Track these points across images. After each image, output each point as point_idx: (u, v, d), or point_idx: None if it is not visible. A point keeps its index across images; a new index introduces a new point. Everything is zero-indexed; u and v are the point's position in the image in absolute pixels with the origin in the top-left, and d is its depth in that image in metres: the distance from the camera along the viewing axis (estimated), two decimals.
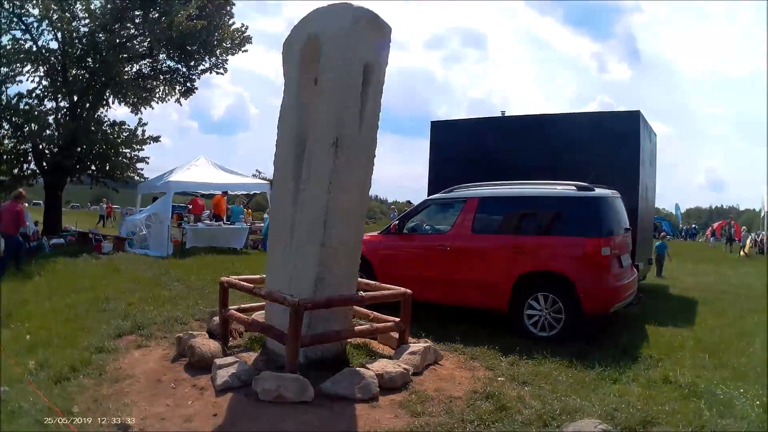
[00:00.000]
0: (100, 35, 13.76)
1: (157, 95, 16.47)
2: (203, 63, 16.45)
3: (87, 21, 14.31)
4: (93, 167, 15.42)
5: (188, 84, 16.75)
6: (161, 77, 16.52)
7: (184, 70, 16.53)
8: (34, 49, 14.54)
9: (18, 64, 14.41)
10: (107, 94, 15.26)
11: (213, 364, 4.41)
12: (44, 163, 15.19)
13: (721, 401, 4.32)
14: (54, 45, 14.88)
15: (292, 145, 4.86)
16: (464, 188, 7.45)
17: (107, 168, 15.25)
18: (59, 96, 14.80)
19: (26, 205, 20.44)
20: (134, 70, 16.03)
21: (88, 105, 15.10)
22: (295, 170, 4.80)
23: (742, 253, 21.70)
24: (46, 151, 15.07)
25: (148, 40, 14.60)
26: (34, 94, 14.56)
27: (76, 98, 14.92)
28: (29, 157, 15.19)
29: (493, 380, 4.75)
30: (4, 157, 14.75)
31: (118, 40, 14.50)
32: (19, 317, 6.88)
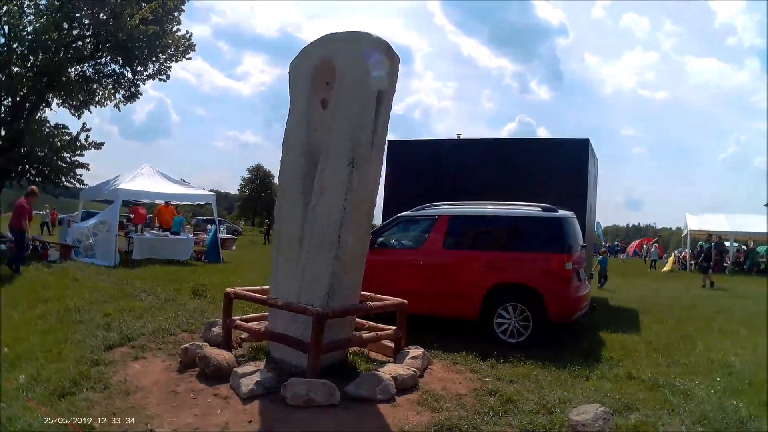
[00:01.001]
0: (52, 33, 13.14)
1: (97, 99, 15.84)
2: (148, 68, 16.05)
3: (36, 18, 13.67)
4: (33, 171, 14.60)
5: (132, 89, 16.25)
6: (103, 81, 15.91)
7: (129, 74, 16.08)
8: None
9: None
10: (49, 95, 14.55)
11: (233, 373, 4.58)
12: None
13: (681, 391, 5.03)
14: None
15: (300, 161, 5.15)
16: (435, 206, 7.93)
17: (46, 172, 14.49)
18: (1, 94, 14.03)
19: None
20: (78, 71, 15.36)
21: (28, 105, 14.34)
22: (304, 185, 5.08)
23: (665, 269, 23.92)
24: None
25: (95, 41, 14.10)
26: None
27: (19, 98, 14.19)
28: None
29: (483, 380, 5.20)
30: None
31: (68, 39, 13.91)
32: None
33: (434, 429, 3.97)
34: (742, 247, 26.62)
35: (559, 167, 9.71)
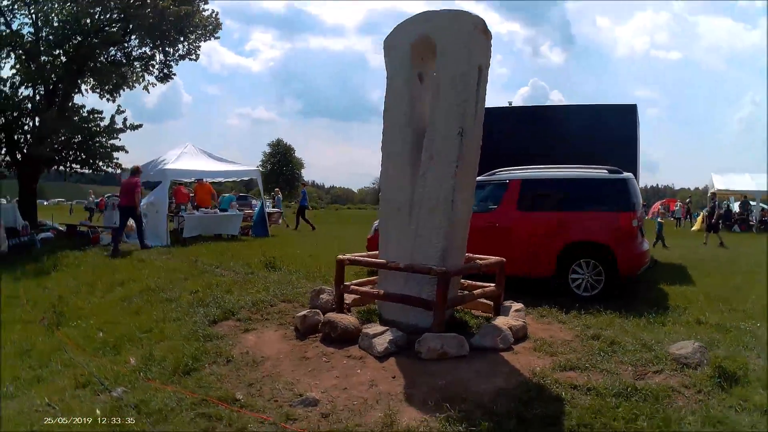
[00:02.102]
0: (85, 18, 13.14)
1: (130, 82, 15.95)
2: (180, 49, 16.13)
3: (61, 3, 13.70)
4: (72, 158, 14.77)
5: (165, 71, 16.36)
6: (135, 63, 15.99)
7: (160, 56, 16.17)
8: (7, 32, 13.80)
9: None
10: (81, 80, 14.69)
11: (363, 334, 4.91)
12: (18, 154, 14.50)
13: (747, 332, 5.51)
14: (27, 29, 14.23)
15: (406, 132, 5.45)
16: (505, 171, 8.26)
17: (84, 158, 14.66)
18: (34, 83, 14.11)
19: (3, 201, 19.28)
20: (109, 55, 15.43)
21: (61, 93, 14.48)
22: (411, 155, 5.39)
23: (695, 227, 24.05)
24: (21, 142, 14.38)
25: (126, 24, 14.13)
26: (9, 82, 13.82)
27: (51, 86, 14.31)
28: (2, 149, 14.42)
29: (577, 328, 5.57)
30: None
31: (100, 24, 13.99)
32: (76, 315, 6.88)
33: (559, 369, 4.36)
34: (763, 207, 26.76)
35: (610, 132, 10.03)
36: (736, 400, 3.76)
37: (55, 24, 13.95)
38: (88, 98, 59.09)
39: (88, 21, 13.30)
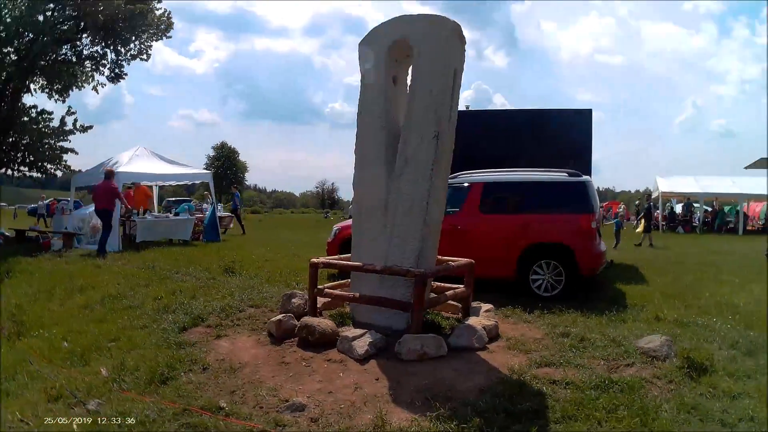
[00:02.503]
0: (38, 15, 12.56)
1: (80, 82, 15.33)
2: (132, 48, 15.63)
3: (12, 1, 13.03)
4: (20, 160, 14.05)
5: (116, 70, 15.81)
6: (86, 63, 15.38)
7: (113, 55, 15.64)
8: None
9: None
10: (30, 80, 13.99)
11: (342, 338, 4.91)
12: None
13: (705, 326, 5.85)
14: None
15: (381, 134, 5.51)
16: (467, 174, 8.42)
17: (33, 160, 13.98)
18: None
19: None
20: (60, 54, 14.76)
21: (9, 92, 13.76)
22: (386, 157, 5.45)
23: (639, 229, 25.09)
24: None
25: (78, 22, 13.58)
26: None
27: (1, 85, 13.64)
28: None
29: (545, 327, 5.75)
30: None
31: (53, 21, 13.36)
32: (37, 324, 6.59)
33: (536, 366, 4.51)
34: (706, 209, 28.16)
35: (567, 136, 10.41)
36: (706, 388, 4.01)
37: (8, 20, 13.35)
38: (36, 98, 56.18)
39: (41, 18, 12.73)
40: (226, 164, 66.67)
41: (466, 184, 8.16)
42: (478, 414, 3.55)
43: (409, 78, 5.65)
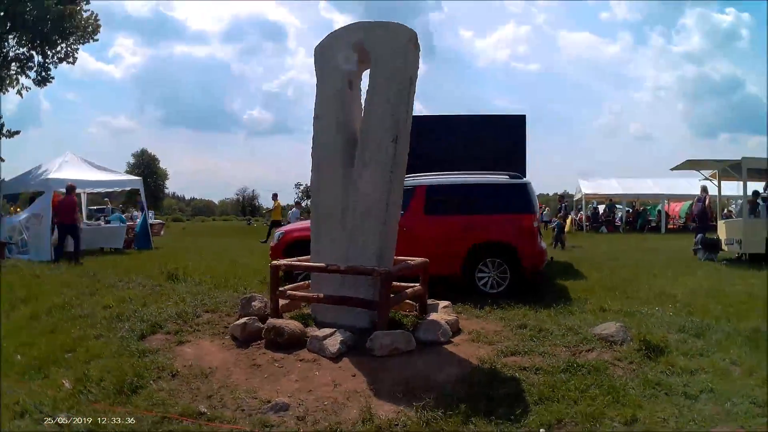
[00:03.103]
0: None
1: (4, 85, 14.35)
2: (60, 51, 14.74)
3: None
4: None
5: (43, 73, 14.87)
6: (12, 65, 14.39)
7: (40, 57, 14.64)
8: None
9: None
10: None
11: (312, 337, 4.93)
12: None
13: (648, 315, 6.32)
14: None
15: (337, 138, 5.61)
16: (410, 177, 8.61)
17: None
18: None
19: None
20: None
21: None
22: (344, 159, 5.56)
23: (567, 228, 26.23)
24: None
25: (7, 21, 12.68)
26: None
27: None
28: None
29: (499, 321, 6.00)
30: None
31: None
32: None
33: (503, 355, 4.72)
34: (628, 209, 29.96)
35: (503, 140, 10.91)
36: (665, 366, 4.37)
37: None
38: None
39: None
40: (146, 172, 64.77)
41: (410, 187, 8.36)
42: (461, 400, 3.71)
43: (362, 83, 5.80)
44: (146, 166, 66.11)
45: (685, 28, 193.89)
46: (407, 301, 6.12)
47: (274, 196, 18.99)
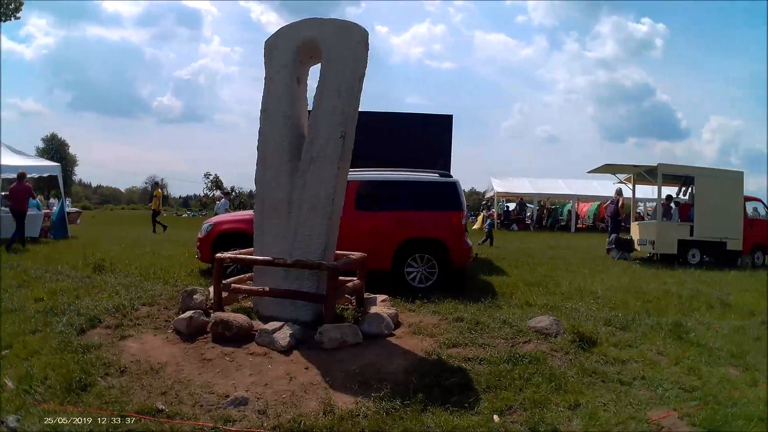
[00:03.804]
0: None
1: None
2: None
3: None
4: None
5: None
6: None
7: None
8: None
9: None
10: None
11: (261, 331, 4.97)
12: None
13: (573, 309, 6.82)
14: None
15: (284, 132, 5.70)
16: None
17: None
18: None
19: None
20: None
21: None
22: (290, 154, 5.64)
23: (475, 226, 26.70)
24: None
25: None
26: None
27: None
28: None
29: (436, 314, 6.24)
30: None
31: None
32: None
33: (446, 347, 4.97)
34: (537, 208, 31.46)
35: (430, 138, 11.25)
36: (598, 356, 4.82)
37: None
38: None
39: None
40: (55, 157, 60.91)
41: None
42: (416, 390, 3.93)
43: (309, 79, 5.89)
44: (56, 151, 62.48)
45: (600, 35, 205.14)
46: (345, 294, 6.31)
47: (154, 185, 18.75)
